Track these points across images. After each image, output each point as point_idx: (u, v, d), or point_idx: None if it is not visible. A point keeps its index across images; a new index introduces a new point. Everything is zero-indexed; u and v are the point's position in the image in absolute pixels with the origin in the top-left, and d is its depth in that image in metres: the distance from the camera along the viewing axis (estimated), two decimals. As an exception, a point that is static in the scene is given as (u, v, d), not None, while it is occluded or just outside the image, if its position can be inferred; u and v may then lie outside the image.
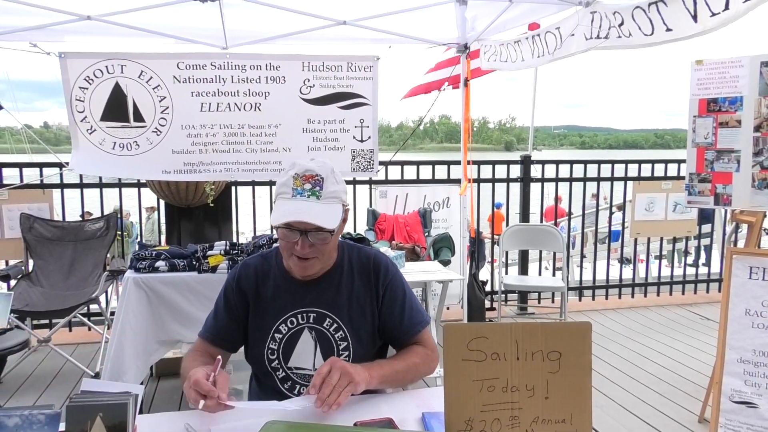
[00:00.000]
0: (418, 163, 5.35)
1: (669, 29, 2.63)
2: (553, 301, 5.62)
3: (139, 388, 1.33)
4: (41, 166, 4.53)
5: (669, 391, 3.68)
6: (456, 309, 5.12)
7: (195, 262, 3.23)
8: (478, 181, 5.27)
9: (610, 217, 6.36)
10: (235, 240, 4.34)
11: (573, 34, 3.16)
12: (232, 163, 3.93)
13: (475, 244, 5.07)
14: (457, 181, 4.98)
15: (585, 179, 5.65)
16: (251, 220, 5.15)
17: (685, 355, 4.29)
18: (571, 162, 5.61)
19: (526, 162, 5.46)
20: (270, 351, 1.72)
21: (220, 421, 1.43)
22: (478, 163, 5.27)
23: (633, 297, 5.86)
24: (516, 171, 5.49)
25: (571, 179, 5.59)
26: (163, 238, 4.57)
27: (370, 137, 4.11)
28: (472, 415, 1.16)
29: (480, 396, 1.16)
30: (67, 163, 3.85)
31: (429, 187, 5.12)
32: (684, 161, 3.19)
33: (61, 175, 4.43)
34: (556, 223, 5.77)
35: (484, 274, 5.74)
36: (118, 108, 3.75)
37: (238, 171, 3.96)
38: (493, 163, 5.52)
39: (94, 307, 4.23)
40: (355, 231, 4.77)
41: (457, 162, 4.77)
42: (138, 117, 3.78)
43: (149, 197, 4.68)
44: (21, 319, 3.87)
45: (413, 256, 4.40)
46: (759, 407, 2.66)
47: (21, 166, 4.56)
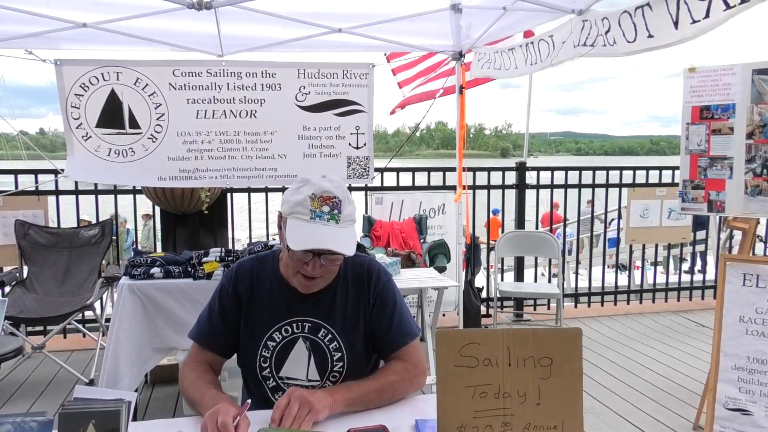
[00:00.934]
0: (413, 169, 5.37)
1: (651, 35, 2.65)
2: (548, 308, 5.62)
3: (133, 395, 1.33)
4: (36, 172, 4.53)
5: (664, 398, 3.68)
6: (452, 315, 5.12)
7: (190, 269, 3.23)
8: (474, 187, 5.28)
9: (605, 224, 6.38)
10: (230, 247, 4.34)
11: (565, 42, 3.19)
12: (228, 169, 3.94)
13: (471, 250, 5.08)
14: (452, 187, 4.99)
15: (580, 186, 5.67)
16: (247, 226, 5.14)
17: (679, 362, 4.29)
18: (566, 169, 5.63)
19: (521, 169, 5.48)
20: (262, 359, 1.69)
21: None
22: (474, 169, 5.29)
23: (628, 304, 5.87)
24: (511, 178, 5.51)
25: (566, 186, 5.60)
26: (158, 244, 4.57)
27: (365, 144, 4.12)
28: (464, 421, 1.17)
29: (472, 402, 1.16)
30: (62, 169, 3.85)
31: (424, 194, 5.13)
32: (678, 167, 3.21)
33: (56, 181, 4.43)
34: (552, 230, 5.78)
35: (480, 281, 5.75)
36: (113, 115, 3.76)
37: (233, 178, 3.97)
38: (489, 169, 5.54)
39: (89, 313, 4.22)
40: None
41: (452, 169, 4.78)
42: (133, 124, 3.79)
43: (145, 204, 4.68)
44: (15, 325, 3.86)
45: (409, 262, 4.41)
46: (753, 414, 2.66)
47: (16, 172, 4.56)
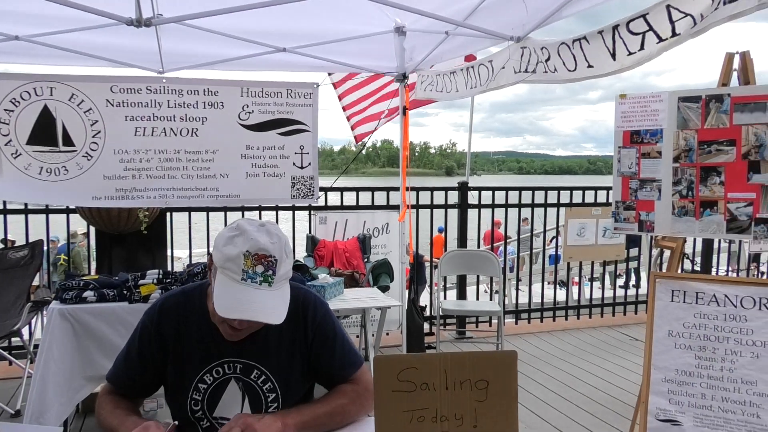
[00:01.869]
0: (357, 189, 5.38)
1: (590, 66, 2.78)
2: (490, 325, 5.72)
3: (58, 431, 1.27)
4: (-40, 190, 4.29)
5: (600, 411, 3.79)
6: (395, 334, 5.13)
7: (126, 292, 3.12)
8: (417, 207, 5.34)
9: (543, 242, 6.56)
10: (169, 268, 4.22)
11: (503, 67, 3.29)
12: (167, 189, 3.85)
13: (414, 269, 5.12)
14: (396, 207, 5.03)
15: (520, 205, 5.82)
16: (187, 244, 5.03)
17: (615, 375, 4.44)
18: (507, 189, 5.78)
19: (463, 188, 5.58)
20: (193, 402, 1.61)
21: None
22: (417, 189, 5.36)
23: (566, 319, 6.04)
24: (454, 197, 5.60)
25: (506, 205, 5.74)
26: (93, 266, 4.40)
27: (310, 164, 4.11)
28: (403, 445, 1.17)
29: (410, 427, 1.17)
30: (-12, 188, 3.67)
31: (368, 213, 5.15)
32: (612, 188, 3.34)
33: (-18, 200, 4.21)
34: (494, 248, 5.90)
35: (424, 299, 5.80)
36: (46, 132, 3.62)
37: (173, 197, 3.87)
38: (432, 189, 5.62)
39: (15, 340, 4.01)
40: (294, 258, 4.73)
41: (396, 188, 4.83)
42: (67, 141, 3.65)
43: (80, 223, 4.51)
44: (-66, 354, 3.63)
45: (352, 282, 4.40)
46: (683, 425, 2.78)
47: (-62, 190, 4.31)
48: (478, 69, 3.55)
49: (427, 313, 5.38)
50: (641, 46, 2.50)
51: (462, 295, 5.73)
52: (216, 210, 4.83)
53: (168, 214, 4.42)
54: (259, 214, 4.97)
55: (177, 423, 1.46)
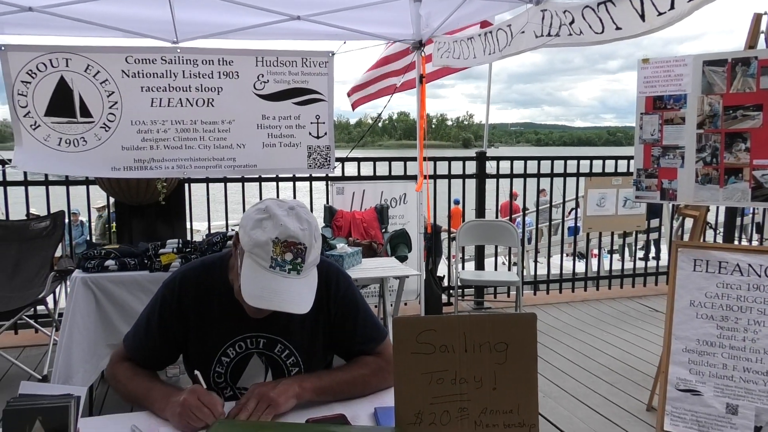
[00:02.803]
0: (374, 159, 5.35)
1: (618, 28, 2.70)
2: (508, 296, 5.71)
3: (82, 390, 1.29)
4: (-19, 163, 4.35)
5: (619, 381, 3.78)
6: (413, 304, 5.15)
7: (146, 261, 3.15)
8: (434, 177, 5.30)
9: (563, 213, 6.49)
10: (188, 238, 4.25)
11: (523, 32, 3.21)
12: (185, 159, 3.86)
13: (432, 240, 5.11)
14: (413, 177, 5.00)
15: (539, 175, 5.75)
16: (206, 217, 5.06)
17: (634, 346, 4.42)
18: (525, 158, 5.70)
19: (481, 158, 5.52)
20: (216, 374, 1.62)
21: (170, 424, 1.40)
22: (435, 159, 5.31)
23: (586, 290, 6.01)
24: (471, 167, 5.55)
25: (525, 175, 5.68)
26: (113, 237, 4.46)
27: (326, 133, 4.09)
28: (421, 408, 1.17)
29: (429, 388, 1.16)
30: (9, 160, 3.71)
31: (385, 184, 5.13)
32: (633, 157, 3.28)
33: (3, 172, 4.26)
34: (512, 219, 5.86)
35: (441, 269, 5.79)
36: (63, 103, 3.63)
37: (190, 168, 3.89)
38: (449, 159, 5.57)
39: (41, 308, 4.09)
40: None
41: (413, 159, 4.79)
42: (85, 112, 3.67)
43: (99, 195, 4.55)
44: (-38, 322, 3.72)
45: (370, 252, 4.41)
46: (703, 395, 2.76)
47: (-40, 163, 4.37)
48: (496, 34, 3.47)
49: (444, 283, 5.38)
50: (671, 6, 2.41)
51: (480, 265, 5.72)
52: (233, 180, 4.84)
53: (186, 185, 4.44)
54: (277, 184, 4.97)
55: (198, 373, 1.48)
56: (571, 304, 5.59)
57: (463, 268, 5.53)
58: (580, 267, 6.60)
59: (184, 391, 1.43)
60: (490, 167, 5.56)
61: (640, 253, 8.24)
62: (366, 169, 5.30)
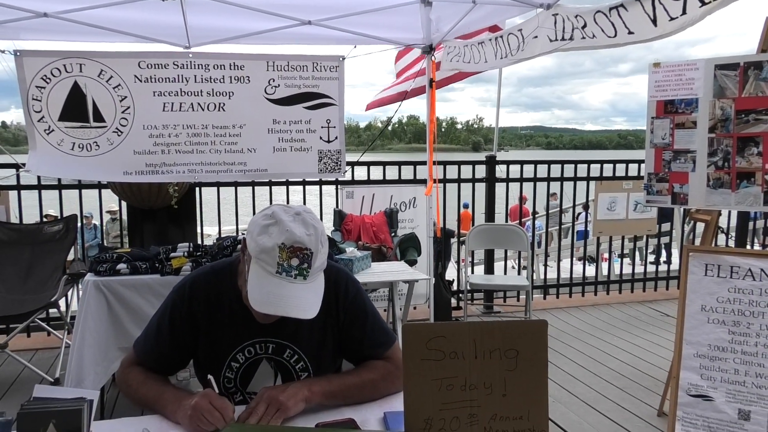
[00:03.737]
0: (384, 163, 5.36)
1: (631, 32, 2.70)
2: (518, 300, 5.69)
3: (95, 394, 1.31)
4: (-4, 167, 4.40)
5: (629, 386, 3.76)
6: (423, 308, 5.15)
7: (158, 264, 3.17)
8: (444, 181, 5.30)
9: (573, 217, 6.47)
10: (199, 242, 4.28)
11: (536, 36, 3.21)
12: (196, 164, 3.88)
13: (441, 244, 5.10)
14: (423, 181, 5.01)
15: (549, 179, 5.74)
16: (216, 221, 5.09)
17: (644, 351, 4.39)
18: (536, 162, 5.69)
19: (491, 162, 5.52)
20: (226, 379, 1.63)
21: (181, 427, 1.41)
22: (444, 163, 5.31)
23: (596, 295, 5.98)
24: (481, 171, 5.54)
25: (535, 179, 5.66)
26: (125, 240, 4.49)
27: (336, 138, 4.10)
28: (431, 414, 1.17)
29: (439, 395, 1.17)
30: (23, 164, 3.75)
31: (395, 188, 5.14)
32: (644, 161, 3.27)
33: (17, 176, 4.31)
34: (522, 223, 5.85)
35: (451, 273, 5.79)
36: (77, 108, 3.67)
37: (201, 172, 3.91)
38: (459, 163, 5.57)
39: (53, 311, 4.12)
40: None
41: (423, 162, 4.80)
42: (98, 117, 3.70)
43: (112, 199, 4.59)
44: (-24, 325, 3.76)
45: (380, 256, 4.41)
46: (714, 400, 2.74)
47: (-25, 167, 4.42)
48: (507, 38, 3.47)
49: (453, 287, 5.38)
50: (683, 11, 2.41)
51: (490, 269, 5.71)
52: (244, 185, 4.86)
53: (197, 190, 4.47)
54: (287, 189, 4.99)
55: (211, 377, 1.50)
56: (581, 309, 5.56)
57: (472, 272, 5.52)
58: (591, 271, 6.57)
59: (195, 394, 1.44)
60: (500, 171, 5.55)
61: (651, 258, 8.19)
62: (376, 172, 5.31)
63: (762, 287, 2.73)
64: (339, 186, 5.03)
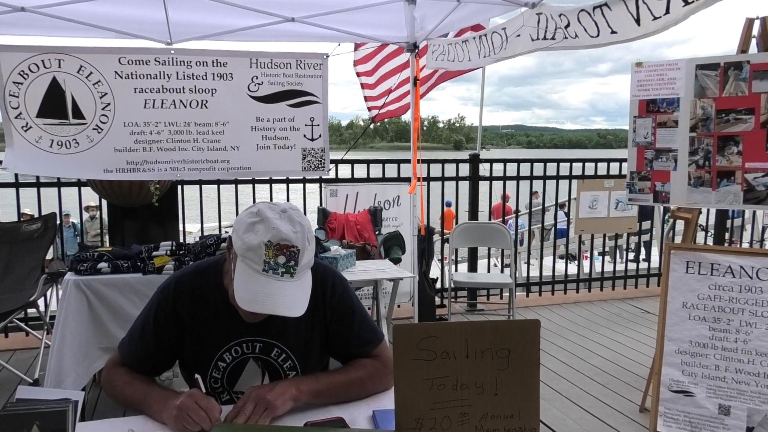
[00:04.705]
0: (368, 161, 5.35)
1: (614, 32, 2.72)
2: (501, 297, 5.72)
3: (79, 395, 1.28)
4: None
5: (612, 382, 3.80)
6: (407, 306, 5.15)
7: (139, 263, 3.14)
8: (428, 179, 5.31)
9: (555, 215, 6.51)
10: (181, 240, 4.23)
11: (519, 35, 3.23)
12: (178, 161, 3.84)
13: (425, 242, 5.11)
14: (407, 179, 5.00)
15: (531, 177, 5.78)
16: (198, 219, 5.03)
17: (627, 348, 4.44)
18: (519, 161, 5.73)
19: (474, 161, 5.53)
20: (213, 379, 1.62)
21: (167, 427, 1.39)
22: (428, 161, 5.32)
23: (578, 292, 6.03)
24: (465, 169, 5.56)
25: (518, 178, 5.70)
26: (106, 239, 4.43)
27: (320, 135, 4.08)
28: (422, 413, 1.17)
29: (430, 394, 1.16)
30: (0, 161, 3.67)
31: (379, 186, 5.13)
32: (625, 160, 3.30)
33: (-6, 173, 4.22)
34: (504, 221, 5.88)
35: (434, 271, 5.80)
36: (55, 104, 3.60)
37: (184, 170, 3.86)
38: (443, 161, 5.58)
39: (32, 311, 4.05)
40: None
41: (407, 161, 4.79)
42: (77, 114, 3.64)
43: (91, 197, 4.52)
44: (-49, 325, 3.67)
45: (364, 254, 4.40)
46: (695, 395, 2.78)
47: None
48: (491, 37, 3.48)
49: (437, 285, 5.39)
50: (666, 10, 2.43)
51: (473, 267, 5.73)
52: (227, 183, 4.82)
53: (179, 187, 4.42)
54: (270, 187, 4.96)
55: (198, 377, 1.48)
56: (563, 306, 5.61)
57: (456, 270, 5.54)
58: (573, 269, 6.63)
59: (181, 394, 1.42)
60: (484, 169, 5.57)
61: (631, 255, 8.29)
62: (359, 171, 5.30)
63: (742, 284, 2.77)
64: (323, 184, 5.01)
